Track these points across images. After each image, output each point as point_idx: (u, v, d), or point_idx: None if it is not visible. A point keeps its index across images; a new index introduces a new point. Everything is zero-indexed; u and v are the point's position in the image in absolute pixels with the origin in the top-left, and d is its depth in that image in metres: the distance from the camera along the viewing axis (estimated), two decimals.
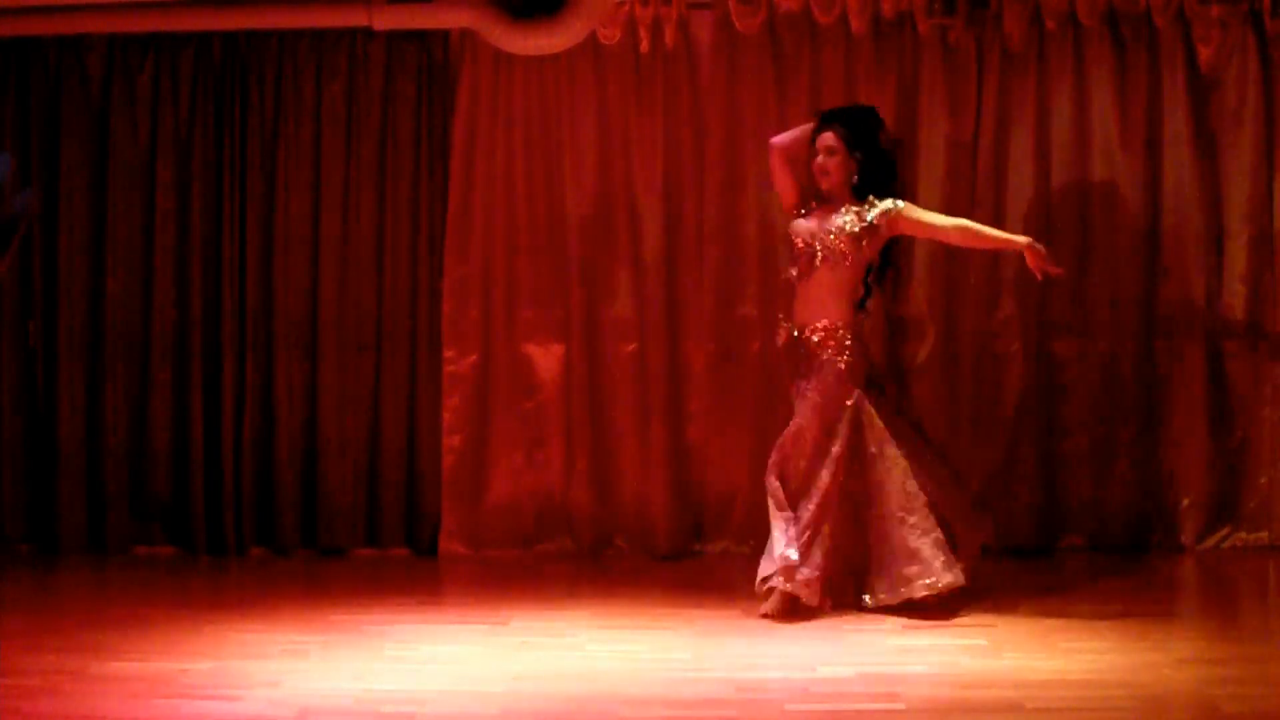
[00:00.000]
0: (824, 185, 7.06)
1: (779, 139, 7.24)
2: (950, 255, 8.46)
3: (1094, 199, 8.43)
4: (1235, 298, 8.43)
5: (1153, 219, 8.43)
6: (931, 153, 8.45)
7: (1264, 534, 8.37)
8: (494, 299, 8.55)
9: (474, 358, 8.55)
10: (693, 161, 8.53)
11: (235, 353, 8.56)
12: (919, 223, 7.05)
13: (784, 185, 7.21)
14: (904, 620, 6.49)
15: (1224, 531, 8.39)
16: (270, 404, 8.57)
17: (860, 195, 7.01)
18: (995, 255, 8.43)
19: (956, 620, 6.49)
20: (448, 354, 8.52)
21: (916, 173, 8.46)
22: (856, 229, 6.92)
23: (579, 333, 8.49)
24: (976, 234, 7.08)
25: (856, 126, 7.08)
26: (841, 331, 6.94)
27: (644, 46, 8.49)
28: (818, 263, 6.96)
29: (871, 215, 6.94)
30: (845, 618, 6.61)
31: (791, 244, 7.10)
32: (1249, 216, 8.42)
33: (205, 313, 8.59)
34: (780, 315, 7.27)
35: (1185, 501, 8.38)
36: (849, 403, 6.89)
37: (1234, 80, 8.42)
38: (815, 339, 6.95)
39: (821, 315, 6.96)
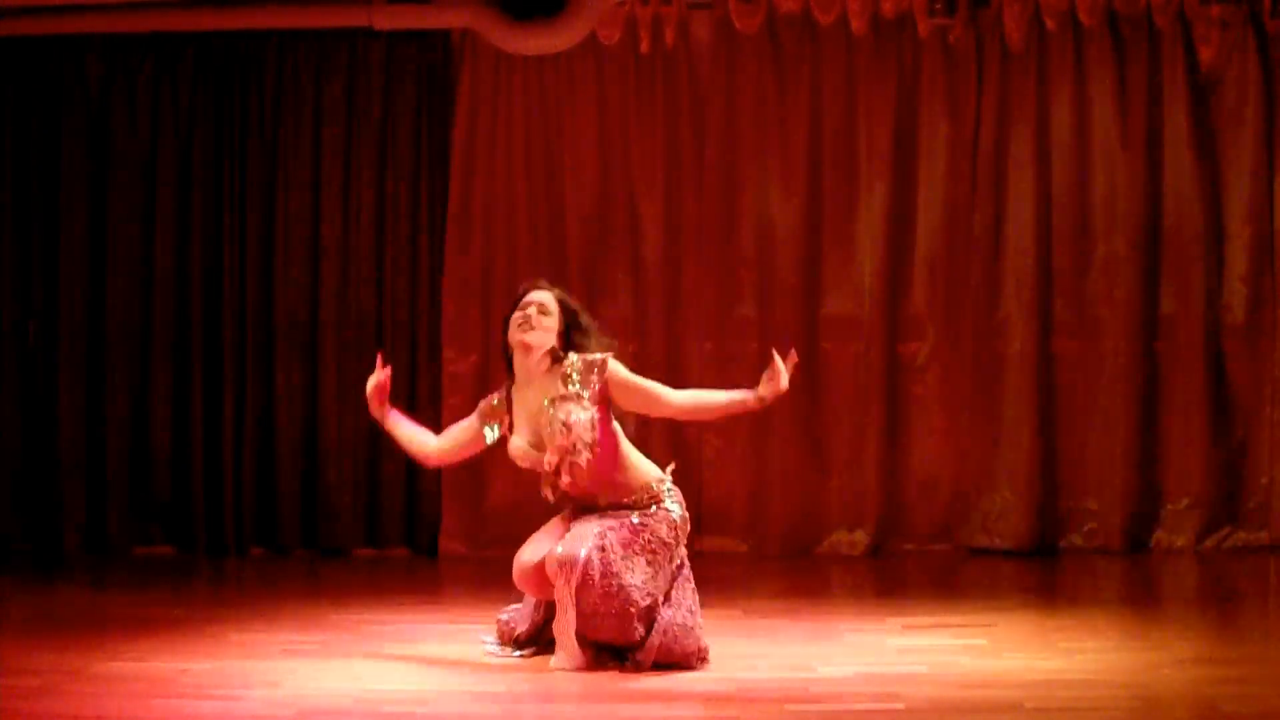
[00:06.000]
0: (531, 354, 5.57)
1: None
2: (950, 255, 8.47)
3: (1094, 199, 8.43)
4: (1235, 298, 8.43)
5: (1153, 219, 8.43)
6: (931, 153, 8.46)
7: (1264, 534, 8.38)
8: (494, 299, 8.55)
9: (474, 358, 8.55)
10: (693, 161, 8.54)
11: (235, 353, 8.57)
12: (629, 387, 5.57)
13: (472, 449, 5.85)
14: (904, 620, 6.49)
15: (1224, 531, 8.39)
16: (270, 404, 8.57)
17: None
18: (996, 253, 8.45)
19: (956, 620, 6.49)
20: (448, 354, 8.53)
21: (917, 173, 8.47)
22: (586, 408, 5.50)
23: None
24: (705, 405, 5.65)
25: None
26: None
27: (644, 46, 8.49)
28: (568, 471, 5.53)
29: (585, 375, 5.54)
30: (845, 618, 6.61)
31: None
32: (1249, 216, 8.42)
33: (205, 313, 8.60)
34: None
35: (1185, 501, 8.38)
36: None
37: (1234, 80, 8.43)
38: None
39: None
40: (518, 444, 5.63)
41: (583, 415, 5.49)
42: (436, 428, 8.51)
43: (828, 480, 8.50)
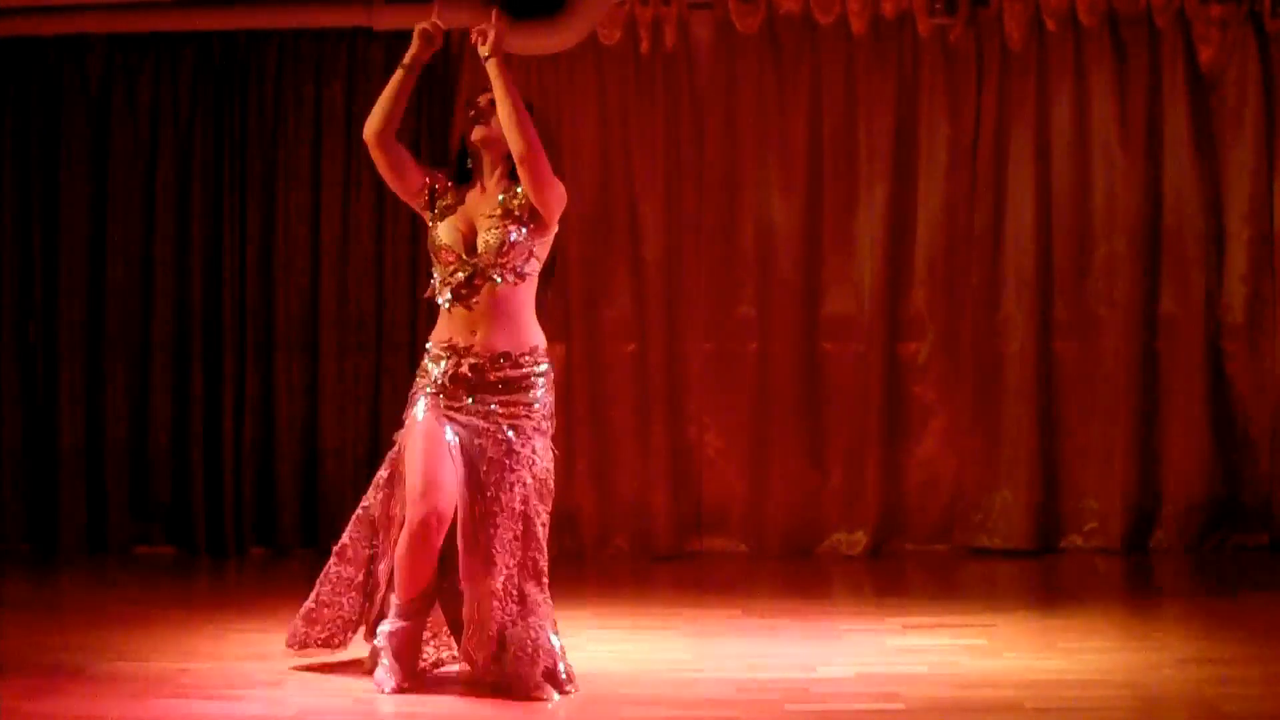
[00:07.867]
0: (488, 155, 5.53)
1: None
2: (950, 255, 8.47)
3: (1094, 199, 8.43)
4: (1235, 298, 8.44)
5: (1153, 219, 8.43)
6: (931, 153, 8.46)
7: (1264, 534, 8.37)
8: None
9: None
10: (693, 161, 8.54)
11: (235, 353, 8.56)
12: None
13: (399, 170, 5.60)
14: (904, 620, 6.49)
15: (1224, 531, 8.39)
16: (270, 404, 8.57)
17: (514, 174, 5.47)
18: (996, 253, 8.44)
19: (956, 620, 6.49)
20: None
21: (917, 173, 8.47)
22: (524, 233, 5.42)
23: (579, 333, 8.49)
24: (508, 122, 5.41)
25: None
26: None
27: (644, 47, 8.49)
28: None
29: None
30: (845, 618, 6.61)
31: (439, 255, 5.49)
32: (1249, 216, 8.42)
33: (205, 313, 8.59)
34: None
35: (1185, 502, 8.38)
36: None
37: (1234, 80, 8.43)
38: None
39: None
40: (444, 238, 5.45)
41: (519, 239, 5.37)
42: None
43: (828, 480, 8.50)
